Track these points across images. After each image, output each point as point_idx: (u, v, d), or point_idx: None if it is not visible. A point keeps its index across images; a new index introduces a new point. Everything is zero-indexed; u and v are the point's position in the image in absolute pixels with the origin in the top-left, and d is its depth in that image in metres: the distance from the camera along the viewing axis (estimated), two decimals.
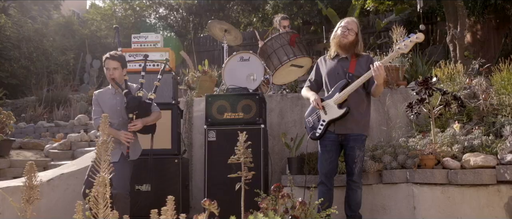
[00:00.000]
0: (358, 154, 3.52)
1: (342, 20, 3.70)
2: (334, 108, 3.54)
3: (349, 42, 3.61)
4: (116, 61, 3.80)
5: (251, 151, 4.51)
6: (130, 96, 3.75)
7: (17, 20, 10.22)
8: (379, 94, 3.74)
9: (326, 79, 3.73)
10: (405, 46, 3.42)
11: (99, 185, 2.20)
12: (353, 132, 3.55)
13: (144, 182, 4.52)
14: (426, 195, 3.46)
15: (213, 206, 2.27)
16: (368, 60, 3.66)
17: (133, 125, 3.73)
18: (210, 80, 5.74)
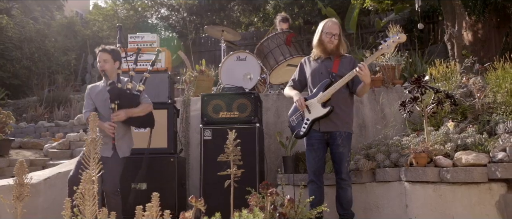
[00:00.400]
0: (344, 151, 3.57)
1: (323, 25, 3.73)
2: (318, 107, 3.58)
3: (335, 46, 3.69)
4: (107, 53, 3.83)
5: (247, 150, 4.58)
6: (112, 87, 3.75)
7: (19, 21, 10.29)
8: (364, 94, 3.81)
9: (309, 79, 3.79)
10: (387, 46, 3.49)
11: (86, 182, 2.23)
12: (338, 129, 3.60)
13: (140, 181, 4.54)
14: (418, 193, 3.47)
15: (199, 203, 2.29)
16: (351, 61, 3.75)
17: (116, 115, 3.71)
18: (208, 80, 5.77)
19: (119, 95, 3.76)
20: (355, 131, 5.01)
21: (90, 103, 3.84)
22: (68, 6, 19.09)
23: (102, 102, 3.82)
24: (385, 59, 5.45)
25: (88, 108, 3.83)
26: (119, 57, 3.94)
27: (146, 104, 3.95)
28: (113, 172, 3.67)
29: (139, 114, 3.89)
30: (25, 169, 2.47)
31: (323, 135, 3.65)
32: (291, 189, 4.29)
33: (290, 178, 4.42)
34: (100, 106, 3.83)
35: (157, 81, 4.76)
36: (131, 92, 3.86)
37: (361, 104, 5.09)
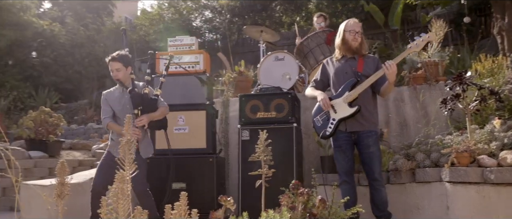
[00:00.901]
0: (373, 151, 3.51)
1: (345, 24, 3.72)
2: (344, 107, 3.54)
3: (359, 43, 3.66)
4: (118, 62, 3.90)
5: (284, 150, 4.58)
6: (133, 93, 3.85)
7: (71, 28, 10.81)
8: (388, 94, 3.74)
9: (333, 79, 3.75)
10: (416, 45, 3.42)
11: (119, 181, 2.32)
12: (364, 128, 3.55)
13: (179, 180, 4.66)
14: (460, 194, 3.34)
15: (228, 203, 2.32)
16: (374, 61, 3.72)
17: (139, 120, 3.81)
18: (246, 81, 5.82)
19: (142, 101, 3.87)
20: (396, 130, 4.90)
21: (109, 110, 3.93)
22: (118, 12, 19.82)
23: (121, 107, 3.92)
24: (428, 55, 5.28)
25: (107, 114, 3.92)
26: (129, 62, 4.01)
27: (163, 108, 4.05)
28: (139, 173, 3.78)
29: (159, 117, 4.00)
30: (65, 169, 2.59)
31: (350, 135, 3.62)
32: (329, 189, 4.24)
33: (328, 178, 4.38)
34: (119, 111, 3.92)
35: (195, 83, 4.85)
36: (150, 97, 3.96)
37: (402, 102, 4.95)
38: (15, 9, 9.66)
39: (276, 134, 4.63)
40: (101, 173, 3.84)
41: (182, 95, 4.86)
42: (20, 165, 5.29)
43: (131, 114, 3.92)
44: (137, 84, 4.01)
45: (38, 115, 5.91)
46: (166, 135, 4.14)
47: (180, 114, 4.81)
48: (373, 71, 3.55)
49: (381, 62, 3.65)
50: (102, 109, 3.99)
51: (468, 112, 3.65)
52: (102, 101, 4.01)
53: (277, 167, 4.39)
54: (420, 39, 3.46)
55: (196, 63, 4.93)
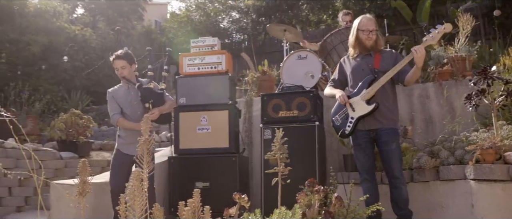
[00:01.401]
0: (393, 148, 3.45)
1: (358, 22, 3.67)
2: (362, 105, 3.51)
3: (374, 41, 3.61)
4: (122, 60, 4.03)
5: (306, 148, 4.57)
6: (143, 88, 3.97)
7: (101, 32, 11.12)
8: (414, 80, 3.62)
9: (350, 77, 3.72)
10: (432, 37, 3.36)
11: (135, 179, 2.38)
12: (383, 126, 3.50)
13: (202, 180, 4.72)
14: (485, 192, 3.25)
15: (243, 200, 2.34)
16: (392, 55, 3.66)
17: (151, 113, 3.93)
18: (269, 80, 5.83)
19: (152, 96, 4.00)
20: (421, 126, 4.81)
21: (116, 107, 4.03)
22: (148, 15, 20.22)
23: (128, 104, 4.03)
24: (455, 50, 5.15)
25: (115, 111, 4.02)
26: (133, 59, 4.13)
27: (171, 101, 4.21)
28: None
29: (167, 110, 4.14)
30: (87, 168, 2.69)
31: (369, 133, 3.58)
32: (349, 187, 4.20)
33: (351, 176, 4.34)
34: (126, 108, 4.02)
35: (218, 83, 4.91)
36: (157, 91, 4.08)
37: (427, 99, 4.85)
38: (48, 15, 10.02)
39: (298, 132, 4.64)
40: (115, 173, 3.95)
41: (205, 95, 4.91)
42: (52, 166, 5.52)
43: (141, 109, 4.02)
44: (141, 80, 4.11)
45: (68, 117, 6.12)
46: (170, 127, 4.22)
47: (203, 114, 4.86)
48: (391, 66, 3.49)
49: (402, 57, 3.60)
50: (109, 106, 4.10)
51: (494, 107, 3.54)
52: (108, 99, 4.12)
53: (299, 166, 4.44)
54: (435, 31, 3.42)
55: (219, 64, 4.97)
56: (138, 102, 4.05)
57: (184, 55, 5.13)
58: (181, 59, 5.11)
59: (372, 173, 3.66)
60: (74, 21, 14.91)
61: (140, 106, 4.05)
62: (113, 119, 4.08)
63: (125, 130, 4.04)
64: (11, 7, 9.43)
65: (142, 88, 3.99)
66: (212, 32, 15.58)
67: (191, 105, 4.92)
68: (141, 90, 3.98)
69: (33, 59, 9.33)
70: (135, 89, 4.07)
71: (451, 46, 5.23)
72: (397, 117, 3.70)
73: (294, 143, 4.58)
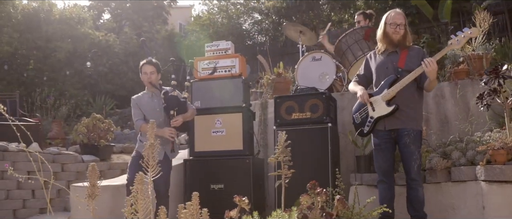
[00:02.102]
0: (412, 150, 3.38)
1: (386, 16, 3.59)
2: (382, 105, 3.46)
3: (401, 36, 3.51)
4: (153, 66, 4.20)
5: (319, 150, 4.58)
6: (169, 95, 4.08)
7: (124, 37, 11.39)
8: (432, 89, 3.57)
9: (375, 74, 3.65)
10: (458, 41, 3.27)
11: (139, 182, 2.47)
12: (405, 126, 3.43)
13: (217, 182, 4.80)
14: (496, 193, 3.20)
15: (243, 203, 2.39)
16: (419, 54, 3.54)
17: (175, 120, 4.06)
18: (285, 82, 5.85)
19: (178, 104, 4.12)
20: (437, 126, 4.75)
21: (139, 113, 4.15)
22: (173, 19, 20.52)
23: (151, 110, 4.15)
24: (472, 48, 5.05)
25: (139, 117, 4.14)
26: (160, 68, 4.30)
27: (192, 110, 4.32)
28: (166, 175, 4.04)
29: (190, 118, 4.27)
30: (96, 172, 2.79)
31: (389, 133, 3.52)
32: (364, 189, 4.19)
33: (363, 178, 4.33)
34: (149, 114, 4.14)
35: (232, 86, 4.98)
36: (181, 100, 4.20)
37: (442, 98, 4.78)
38: (73, 22, 10.34)
39: (311, 134, 4.66)
40: (132, 172, 4.05)
41: (219, 98, 4.99)
42: (73, 169, 5.69)
43: (166, 115, 4.15)
44: (165, 88, 4.21)
45: (90, 121, 6.31)
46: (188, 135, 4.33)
47: (217, 117, 4.94)
48: (416, 65, 3.39)
49: (428, 56, 3.51)
50: (133, 112, 4.23)
51: (506, 107, 3.47)
52: (132, 106, 4.25)
53: (312, 167, 4.47)
54: (461, 35, 3.31)
55: (232, 67, 5.04)
56: (161, 109, 4.18)
57: (199, 59, 5.23)
58: (195, 63, 5.21)
59: (389, 174, 3.59)
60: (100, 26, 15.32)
61: (162, 113, 4.19)
62: (136, 125, 4.21)
63: (145, 134, 4.15)
64: (38, 16, 9.78)
65: (168, 96, 4.13)
66: (235, 34, 15.72)
67: (206, 108, 5.01)
68: (166, 98, 4.11)
69: (58, 65, 9.65)
70: (158, 96, 4.21)
71: (468, 44, 5.13)
72: (421, 118, 3.60)
73: (307, 145, 4.64)
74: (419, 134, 3.52)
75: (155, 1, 18.62)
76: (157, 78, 4.25)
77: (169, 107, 4.12)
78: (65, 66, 9.72)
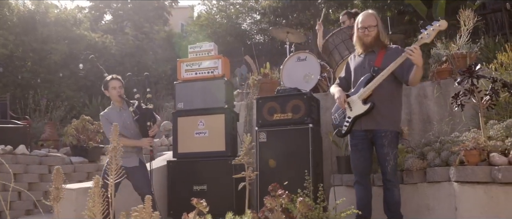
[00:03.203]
0: (389, 151, 3.35)
1: (357, 19, 3.59)
2: (359, 104, 3.43)
3: (373, 38, 3.49)
4: (120, 81, 4.39)
5: (300, 151, 4.57)
6: (144, 108, 4.30)
7: (121, 39, 11.43)
8: (418, 80, 3.48)
9: (353, 75, 3.63)
10: (427, 35, 3.22)
11: (95, 185, 2.48)
12: (380, 127, 3.39)
13: (200, 183, 4.81)
14: (467, 194, 3.16)
15: (200, 205, 2.39)
16: (397, 51, 3.48)
17: (152, 130, 4.30)
18: (271, 83, 5.83)
19: (152, 115, 4.36)
20: (419, 126, 4.72)
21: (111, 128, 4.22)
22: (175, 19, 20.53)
23: (122, 124, 4.24)
24: (457, 47, 5.01)
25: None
26: (123, 84, 4.50)
27: (159, 120, 4.60)
28: (146, 177, 4.21)
29: (160, 125, 4.59)
30: (61, 175, 2.80)
31: (366, 134, 3.49)
32: (345, 189, 4.18)
33: (344, 179, 4.31)
34: (121, 128, 4.24)
35: (215, 87, 4.98)
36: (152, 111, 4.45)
37: (425, 98, 4.75)
38: (68, 24, 10.40)
39: (293, 135, 4.65)
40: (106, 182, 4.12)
41: (202, 100, 5.00)
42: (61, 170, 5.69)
43: (138, 127, 4.33)
44: (132, 102, 4.37)
45: (79, 123, 6.34)
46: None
47: (200, 119, 4.95)
48: None
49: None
50: (106, 129, 4.34)
51: (481, 107, 3.44)
52: (103, 122, 4.39)
53: (294, 168, 4.46)
54: (431, 28, 3.27)
55: (215, 68, 5.05)
56: (131, 122, 4.32)
57: (182, 61, 5.24)
58: (179, 64, 5.23)
59: (365, 175, 3.57)
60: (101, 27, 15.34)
61: (133, 126, 4.33)
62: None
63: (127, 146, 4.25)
64: (33, 18, 9.85)
65: (142, 109, 4.29)
66: (233, 35, 15.74)
67: (189, 110, 5.02)
68: (141, 111, 4.28)
69: (54, 67, 9.71)
70: (126, 110, 4.35)
71: (453, 43, 5.09)
72: (398, 117, 3.57)
73: (288, 146, 4.63)
74: (396, 135, 3.48)
75: (156, 2, 18.64)
76: (123, 92, 4.41)
77: (145, 119, 4.30)
78: (61, 68, 9.78)
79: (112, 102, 4.42)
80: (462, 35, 5.03)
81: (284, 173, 4.43)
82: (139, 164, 4.25)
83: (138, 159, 4.26)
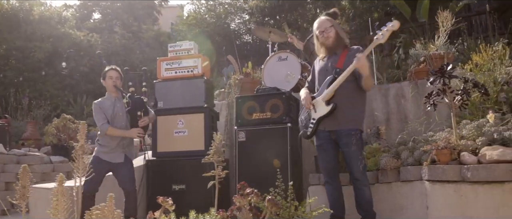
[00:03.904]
0: (352, 150, 3.38)
1: (314, 28, 3.66)
2: (322, 105, 3.48)
3: (333, 38, 3.54)
4: (118, 72, 4.39)
5: (279, 150, 4.58)
6: (136, 97, 4.23)
7: (107, 37, 11.37)
8: (370, 87, 3.53)
9: (317, 77, 3.68)
10: (382, 36, 3.27)
11: (59, 183, 2.46)
12: (342, 127, 3.43)
13: (179, 182, 4.80)
14: (438, 193, 3.20)
15: (166, 203, 2.39)
16: (358, 52, 3.53)
17: (143, 120, 4.23)
18: (252, 82, 5.82)
19: (143, 105, 4.29)
20: (397, 126, 4.75)
21: (103, 117, 4.20)
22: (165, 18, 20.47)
23: (114, 114, 4.22)
24: (436, 48, 5.05)
25: (103, 120, 4.19)
26: (122, 77, 4.50)
27: (153, 114, 4.53)
28: (131, 173, 4.14)
29: (151, 121, 4.48)
30: (28, 173, 2.79)
31: (329, 134, 3.53)
32: (321, 189, 4.19)
33: (321, 178, 4.32)
34: (112, 118, 4.23)
35: (194, 87, 4.97)
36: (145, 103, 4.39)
37: (403, 98, 4.79)
38: (53, 22, 10.33)
39: (272, 134, 4.66)
40: (90, 178, 4.07)
41: (182, 99, 4.99)
42: (39, 170, 5.67)
43: (130, 118, 4.26)
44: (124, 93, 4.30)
45: (59, 122, 6.30)
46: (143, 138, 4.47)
47: (179, 117, 4.95)
48: None
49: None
50: (97, 117, 4.25)
51: (453, 106, 3.47)
52: (95, 110, 4.28)
53: (272, 167, 4.46)
54: (385, 29, 3.32)
55: (195, 67, 5.04)
56: (124, 113, 4.28)
57: (162, 59, 5.23)
58: (158, 63, 5.22)
59: (333, 175, 3.60)
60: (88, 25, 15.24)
61: (124, 117, 4.28)
62: (103, 128, 4.24)
63: (106, 138, 4.19)
64: (17, 15, 9.76)
65: (134, 98, 4.27)
66: (221, 34, 15.70)
67: (168, 109, 5.01)
68: (133, 99, 4.25)
69: (38, 65, 9.63)
70: (120, 101, 4.31)
71: (432, 44, 5.13)
72: (360, 117, 3.59)
73: (267, 145, 4.64)
74: (359, 134, 3.50)
75: (146, 1, 18.59)
76: (120, 84, 4.38)
77: (136, 109, 4.26)
78: (45, 66, 9.72)
79: (107, 93, 4.39)
80: (440, 36, 5.08)
81: (263, 172, 4.44)
82: (124, 160, 4.19)
83: (123, 155, 4.20)
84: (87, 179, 4.18)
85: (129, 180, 4.18)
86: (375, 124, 4.74)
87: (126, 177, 4.15)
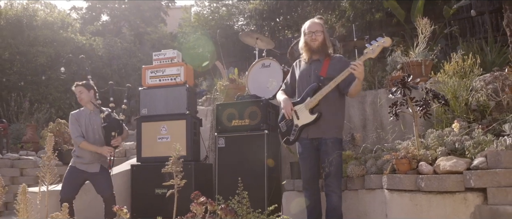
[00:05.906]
0: (332, 157, 3.47)
1: (304, 26, 3.71)
2: (306, 113, 3.55)
3: (320, 42, 3.62)
4: (80, 87, 4.56)
5: (256, 157, 4.70)
6: (112, 118, 4.45)
7: (109, 41, 11.60)
8: (357, 93, 3.61)
9: (298, 82, 3.74)
10: (372, 50, 3.37)
11: (22, 193, 2.63)
12: (325, 136, 3.53)
13: (162, 187, 4.95)
14: (396, 202, 3.30)
15: (122, 212, 2.54)
16: (341, 61, 3.64)
17: (116, 140, 4.45)
18: (237, 88, 5.96)
19: (119, 126, 4.51)
20: (373, 133, 4.83)
21: (78, 129, 4.41)
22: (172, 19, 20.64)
23: (89, 127, 4.44)
24: (415, 55, 5.13)
25: (78, 133, 4.42)
26: (90, 86, 4.61)
27: (126, 131, 4.74)
28: (108, 180, 4.35)
29: (125, 139, 4.74)
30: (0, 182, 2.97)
31: (311, 142, 3.62)
32: (296, 194, 4.30)
33: (295, 184, 4.44)
34: (87, 131, 4.45)
35: (177, 94, 5.13)
36: (121, 123, 4.61)
37: (379, 105, 4.87)
38: (56, 27, 10.58)
39: (250, 141, 4.79)
40: (66, 186, 4.34)
41: (165, 106, 5.15)
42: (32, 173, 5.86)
43: (105, 134, 4.47)
44: (105, 110, 4.53)
45: (55, 126, 6.51)
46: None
47: (163, 124, 5.11)
48: (338, 73, 3.47)
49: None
50: (73, 128, 4.47)
51: (415, 116, 3.56)
52: (71, 121, 4.50)
53: (250, 174, 4.60)
54: (375, 44, 3.41)
55: (177, 75, 5.19)
56: (98, 126, 4.50)
57: (146, 67, 5.40)
58: (143, 71, 5.38)
59: (312, 182, 3.68)
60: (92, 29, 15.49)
61: (98, 130, 4.51)
62: (77, 141, 4.44)
63: (81, 150, 4.40)
64: (20, 21, 10.03)
65: (111, 118, 4.49)
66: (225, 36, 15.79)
67: (152, 115, 5.18)
68: (110, 120, 4.47)
69: (41, 69, 9.89)
70: (97, 114, 4.53)
71: (411, 51, 5.20)
72: (341, 125, 3.70)
73: (245, 151, 4.78)
74: (339, 141, 3.61)
75: (153, 1, 18.81)
76: (88, 96, 4.56)
77: (111, 129, 4.47)
78: (49, 70, 9.97)
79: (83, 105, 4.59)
80: (419, 42, 5.15)
81: (242, 178, 4.56)
82: (100, 170, 4.43)
83: (99, 165, 4.44)
84: (64, 187, 4.43)
85: (106, 187, 4.39)
86: (352, 130, 4.83)
87: (103, 185, 4.36)
